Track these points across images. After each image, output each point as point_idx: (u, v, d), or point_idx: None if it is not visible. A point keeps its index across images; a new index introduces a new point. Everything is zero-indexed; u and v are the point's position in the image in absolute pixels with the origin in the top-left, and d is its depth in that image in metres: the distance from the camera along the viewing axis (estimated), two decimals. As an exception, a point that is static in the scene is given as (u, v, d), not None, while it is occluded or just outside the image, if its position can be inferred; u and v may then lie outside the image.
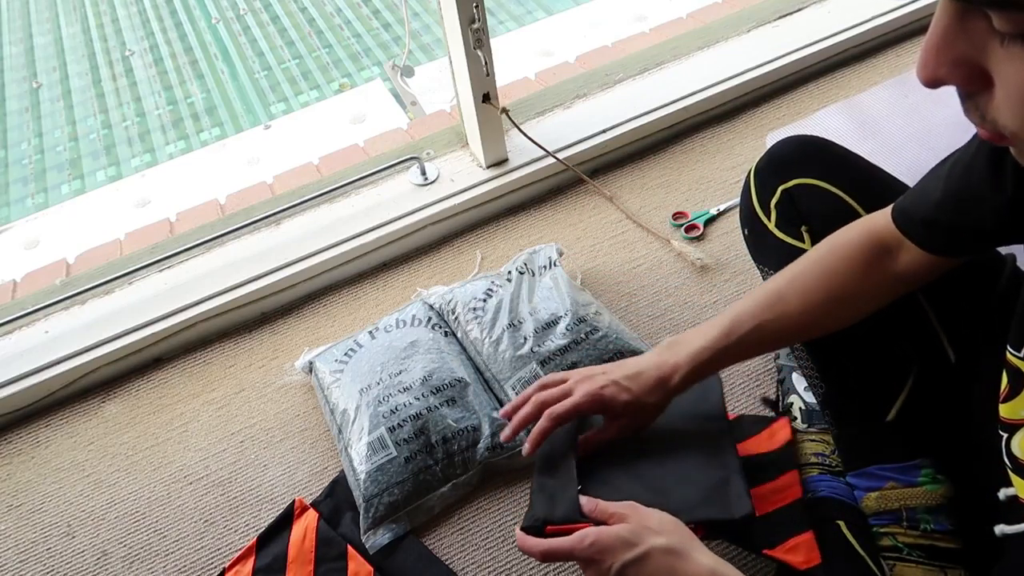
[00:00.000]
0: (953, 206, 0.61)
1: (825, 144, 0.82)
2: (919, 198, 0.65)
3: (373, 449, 1.01)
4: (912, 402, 0.72)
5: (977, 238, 0.62)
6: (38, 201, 2.81)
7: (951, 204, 0.61)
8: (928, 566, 0.69)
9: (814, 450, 0.88)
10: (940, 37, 0.36)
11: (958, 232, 0.62)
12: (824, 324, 0.72)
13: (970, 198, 0.59)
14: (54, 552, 1.06)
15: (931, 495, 0.70)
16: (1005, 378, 0.52)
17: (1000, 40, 0.34)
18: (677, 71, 1.58)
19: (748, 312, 0.72)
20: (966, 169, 0.59)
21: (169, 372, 1.26)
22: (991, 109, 0.37)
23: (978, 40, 0.35)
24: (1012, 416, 0.51)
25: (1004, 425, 0.52)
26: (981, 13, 0.34)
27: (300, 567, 0.97)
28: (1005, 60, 0.34)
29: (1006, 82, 0.35)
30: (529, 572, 0.95)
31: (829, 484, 0.81)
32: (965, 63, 0.36)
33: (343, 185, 1.40)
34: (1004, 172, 0.55)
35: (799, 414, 0.92)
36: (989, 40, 0.34)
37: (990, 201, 0.58)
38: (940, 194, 0.62)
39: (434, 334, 1.15)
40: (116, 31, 3.68)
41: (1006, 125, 0.37)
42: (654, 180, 1.44)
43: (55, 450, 1.18)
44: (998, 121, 0.37)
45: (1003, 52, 0.34)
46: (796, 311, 0.70)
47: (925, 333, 0.73)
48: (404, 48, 2.87)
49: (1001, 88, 0.35)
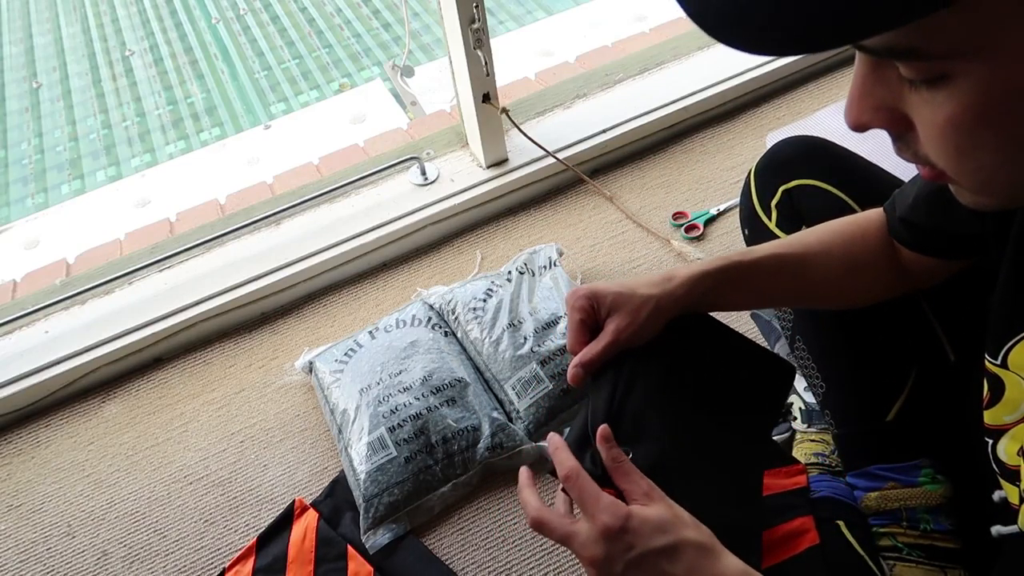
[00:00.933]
0: (925, 208, 0.63)
1: (825, 144, 0.82)
2: (900, 197, 0.66)
3: (373, 449, 1.01)
4: (912, 402, 0.72)
5: (950, 241, 0.63)
6: (38, 201, 2.81)
7: (924, 205, 0.63)
8: (928, 566, 0.69)
9: (814, 450, 0.88)
10: (859, 86, 0.38)
11: (931, 233, 0.63)
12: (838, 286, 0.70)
13: (939, 200, 0.60)
14: (54, 552, 1.06)
15: (931, 495, 0.70)
16: (986, 385, 0.52)
17: (909, 85, 0.36)
18: (677, 71, 1.58)
19: (767, 244, 0.71)
20: None
21: (169, 372, 1.26)
22: (920, 148, 0.39)
23: (893, 87, 0.37)
24: (995, 422, 0.52)
25: (988, 431, 0.52)
26: (890, 62, 0.36)
27: (300, 567, 0.97)
28: (917, 104, 0.36)
29: (923, 124, 0.37)
30: (529, 572, 0.95)
31: (829, 484, 0.81)
32: (885, 108, 0.38)
33: (343, 185, 1.40)
34: None
35: (799, 414, 0.92)
36: (902, 86, 0.36)
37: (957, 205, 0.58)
38: (915, 195, 0.64)
39: (434, 334, 1.15)
40: (116, 31, 3.68)
41: (935, 163, 0.39)
42: (654, 180, 1.44)
43: (55, 450, 1.18)
44: (928, 159, 0.39)
45: (915, 97, 0.36)
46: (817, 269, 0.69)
47: (925, 333, 0.73)
48: (404, 48, 2.87)
49: (921, 129, 0.37)
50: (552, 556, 0.96)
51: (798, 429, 0.92)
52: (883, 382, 0.74)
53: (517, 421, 1.07)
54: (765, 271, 0.69)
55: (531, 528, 0.59)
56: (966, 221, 0.59)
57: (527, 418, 1.06)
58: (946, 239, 0.63)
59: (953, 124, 0.35)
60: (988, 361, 0.52)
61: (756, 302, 0.74)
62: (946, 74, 0.33)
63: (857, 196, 0.77)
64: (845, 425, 0.77)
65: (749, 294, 0.71)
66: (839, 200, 0.77)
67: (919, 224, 0.64)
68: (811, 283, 0.71)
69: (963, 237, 0.61)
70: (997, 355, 0.51)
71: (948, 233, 0.62)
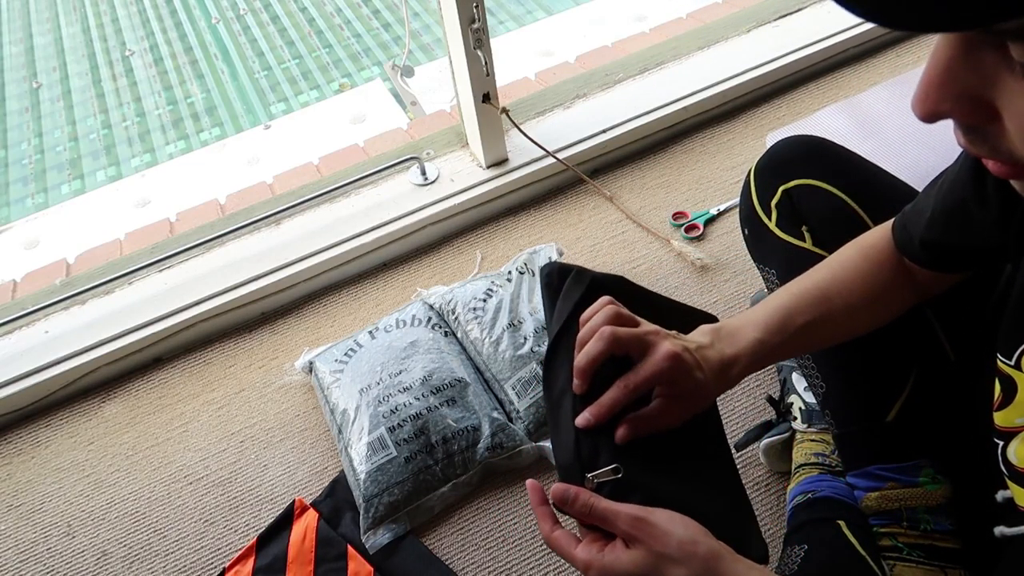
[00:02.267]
0: (943, 224, 0.61)
1: (825, 144, 0.82)
2: (914, 216, 0.65)
3: (373, 449, 1.01)
4: (912, 402, 0.72)
5: (970, 256, 0.62)
6: (38, 201, 2.81)
7: (941, 222, 0.61)
8: (928, 566, 0.69)
9: (814, 450, 0.88)
10: (944, 71, 0.34)
11: (950, 250, 0.62)
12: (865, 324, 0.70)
13: (959, 215, 0.59)
14: (54, 552, 1.06)
15: (931, 495, 0.70)
16: (998, 386, 0.52)
17: (1012, 70, 0.32)
18: (677, 71, 1.58)
19: (799, 310, 0.68)
20: (952, 186, 0.59)
21: (169, 372, 1.26)
22: (1003, 141, 0.35)
23: (987, 72, 0.33)
24: (1006, 424, 0.51)
25: (999, 433, 0.52)
26: (993, 45, 0.32)
27: (300, 567, 0.97)
28: (1019, 92, 0.33)
29: (1018, 114, 0.33)
30: (529, 572, 0.95)
31: (829, 484, 0.81)
32: (970, 96, 0.34)
33: (343, 185, 1.40)
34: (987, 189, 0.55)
35: (799, 414, 0.92)
36: (999, 72, 0.33)
37: (978, 218, 0.57)
38: (931, 212, 0.62)
39: (434, 334, 1.15)
40: (116, 31, 3.68)
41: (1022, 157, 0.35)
42: (654, 180, 1.44)
43: (55, 450, 1.18)
44: (1014, 153, 0.35)
45: (1016, 84, 0.32)
46: (840, 312, 0.68)
47: (925, 334, 0.73)
48: (404, 48, 2.87)
49: (1011, 120, 0.34)
50: (552, 556, 0.96)
51: (798, 429, 0.92)
52: (883, 382, 0.74)
53: (517, 421, 1.06)
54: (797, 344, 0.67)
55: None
56: (987, 234, 0.57)
57: (527, 418, 1.06)
58: (965, 254, 0.62)
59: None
60: (1001, 362, 0.51)
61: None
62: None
63: (857, 196, 0.77)
64: (845, 425, 0.77)
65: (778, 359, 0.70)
66: (839, 200, 0.77)
67: (938, 243, 0.62)
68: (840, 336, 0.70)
69: (982, 250, 0.60)
70: (1011, 356, 0.50)
71: (967, 248, 0.60)
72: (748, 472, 1.00)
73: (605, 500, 0.55)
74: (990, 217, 0.56)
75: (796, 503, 0.83)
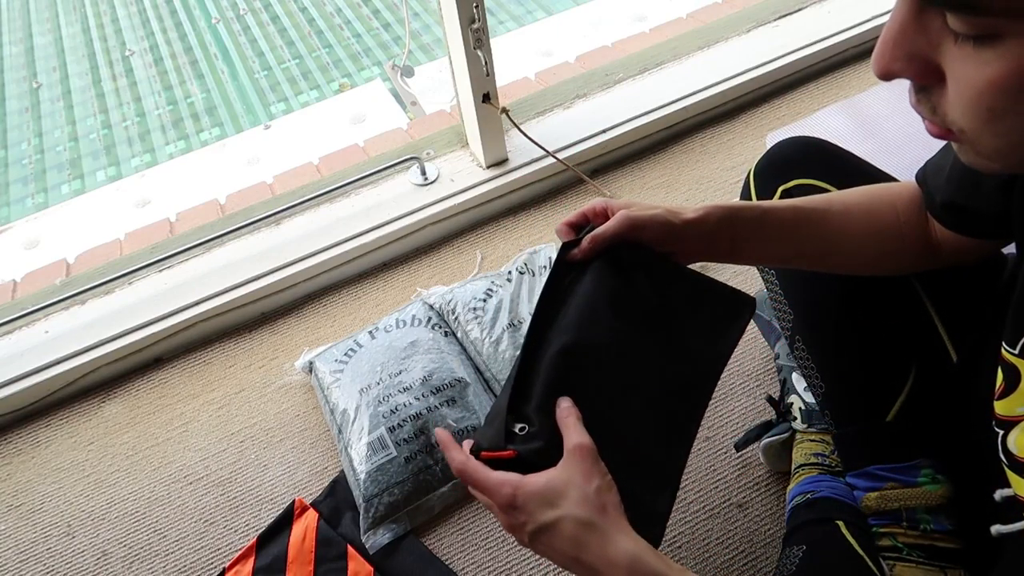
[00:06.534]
0: (958, 181, 0.62)
1: (825, 145, 0.82)
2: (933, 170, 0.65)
3: (373, 449, 1.01)
4: (912, 402, 0.72)
5: (982, 220, 0.62)
6: (38, 201, 2.81)
7: (956, 178, 0.62)
8: (928, 566, 0.69)
9: (814, 450, 0.88)
10: (897, 31, 0.37)
11: (964, 212, 0.63)
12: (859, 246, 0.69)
13: (971, 173, 0.59)
14: (54, 552, 1.06)
15: (931, 495, 0.70)
16: (1000, 375, 0.52)
17: (954, 39, 0.35)
18: (677, 71, 1.58)
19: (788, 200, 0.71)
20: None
21: (169, 372, 1.26)
22: (943, 104, 0.38)
23: (933, 37, 0.36)
24: (1007, 413, 0.51)
25: (1000, 422, 0.52)
26: (937, 11, 0.35)
27: (300, 567, 0.97)
28: (958, 59, 0.35)
29: (958, 80, 0.36)
30: (529, 572, 0.95)
31: (829, 484, 0.81)
32: (919, 58, 0.37)
33: (343, 185, 1.40)
34: None
35: (799, 414, 0.92)
36: (944, 38, 0.35)
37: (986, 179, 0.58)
38: (948, 170, 0.63)
39: (434, 334, 1.15)
40: (116, 31, 3.68)
41: (955, 121, 0.38)
42: (654, 180, 1.44)
43: (55, 450, 1.18)
44: (947, 116, 0.38)
45: (956, 51, 0.35)
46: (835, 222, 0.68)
47: (926, 333, 0.73)
48: (404, 48, 2.87)
49: (953, 85, 0.36)
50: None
51: (798, 429, 0.92)
52: (883, 382, 0.74)
53: (517, 421, 1.06)
54: (782, 218, 0.68)
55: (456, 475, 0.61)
56: (993, 198, 0.58)
57: (527, 418, 1.06)
58: (976, 218, 0.62)
59: (995, 86, 0.34)
60: (1005, 350, 0.51)
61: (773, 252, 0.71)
62: (998, 33, 0.33)
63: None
64: (845, 425, 0.77)
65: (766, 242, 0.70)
66: (838, 200, 0.77)
67: (953, 202, 0.63)
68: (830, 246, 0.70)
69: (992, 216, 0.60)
70: (1015, 344, 0.50)
71: (978, 211, 0.61)
72: (748, 472, 1.00)
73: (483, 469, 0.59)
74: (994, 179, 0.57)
75: (795, 503, 0.83)
